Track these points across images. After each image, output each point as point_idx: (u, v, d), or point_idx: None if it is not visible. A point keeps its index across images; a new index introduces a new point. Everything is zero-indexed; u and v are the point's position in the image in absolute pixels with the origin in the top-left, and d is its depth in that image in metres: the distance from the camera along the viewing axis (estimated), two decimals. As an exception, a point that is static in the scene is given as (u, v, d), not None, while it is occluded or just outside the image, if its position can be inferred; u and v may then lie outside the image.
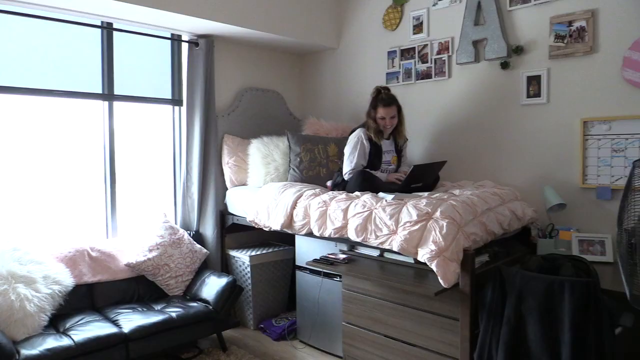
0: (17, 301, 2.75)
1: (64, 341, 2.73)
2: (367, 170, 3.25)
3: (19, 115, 3.34)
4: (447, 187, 3.33)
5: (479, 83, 3.52)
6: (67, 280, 3.11)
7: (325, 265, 2.97)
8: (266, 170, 3.89)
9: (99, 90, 3.63)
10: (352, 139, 3.36)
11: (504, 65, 3.34)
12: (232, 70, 4.28)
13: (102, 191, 3.69)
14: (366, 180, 3.12)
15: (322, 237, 3.05)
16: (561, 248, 2.87)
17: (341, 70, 4.46)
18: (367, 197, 2.86)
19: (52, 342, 2.70)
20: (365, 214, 2.74)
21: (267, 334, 3.78)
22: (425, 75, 3.80)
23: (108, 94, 3.66)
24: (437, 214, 2.51)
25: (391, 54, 4.01)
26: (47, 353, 2.61)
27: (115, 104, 3.70)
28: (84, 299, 3.26)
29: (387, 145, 3.40)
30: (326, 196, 3.07)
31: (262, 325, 3.87)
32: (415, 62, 3.85)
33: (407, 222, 2.55)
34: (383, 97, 3.28)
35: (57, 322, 2.99)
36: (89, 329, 2.89)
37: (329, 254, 3.09)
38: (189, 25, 3.70)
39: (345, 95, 4.43)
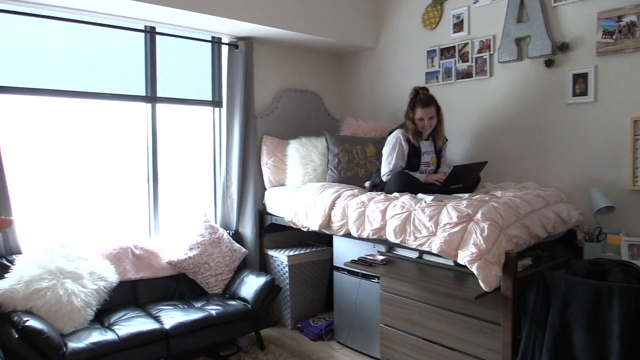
0: (65, 296, 2.85)
1: (109, 335, 2.82)
2: (406, 171, 3.22)
3: (69, 117, 3.48)
4: (488, 188, 3.26)
5: (521, 82, 3.43)
6: (112, 276, 3.21)
7: (363, 267, 2.96)
8: (304, 170, 3.91)
9: (142, 92, 3.74)
10: (390, 140, 3.33)
11: (549, 63, 3.25)
12: (271, 72, 4.32)
13: (145, 191, 3.80)
14: (405, 181, 3.09)
15: (360, 238, 3.04)
16: (609, 253, 2.76)
17: (379, 70, 4.43)
18: (406, 198, 2.83)
19: (97, 336, 2.80)
20: (404, 215, 2.71)
21: (304, 334, 3.80)
22: (466, 75, 3.73)
23: (151, 97, 3.76)
24: (478, 215, 2.46)
25: (431, 53, 3.96)
26: (93, 347, 2.70)
27: (158, 105, 3.80)
28: (128, 295, 3.36)
29: (426, 146, 3.35)
30: (364, 197, 3.05)
31: (299, 325, 3.89)
32: (455, 61, 3.79)
33: (447, 223, 2.51)
34: (421, 98, 3.23)
35: (102, 316, 3.09)
36: (132, 324, 2.97)
37: (367, 255, 3.08)
38: (229, 28, 3.76)
39: (383, 96, 4.40)
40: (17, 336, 2.51)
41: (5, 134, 3.09)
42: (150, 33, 3.72)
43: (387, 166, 3.28)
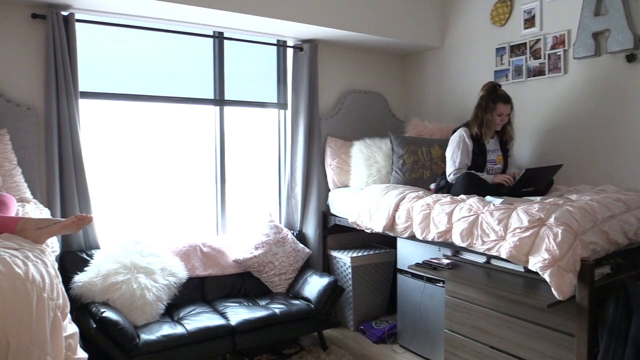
0: (138, 290, 3.00)
1: (178, 329, 2.93)
2: (474, 172, 3.12)
3: (144, 120, 3.67)
4: (562, 191, 3.10)
5: (599, 78, 3.23)
6: (182, 272, 3.34)
7: (428, 270, 2.90)
8: (368, 172, 3.89)
9: (211, 96, 3.87)
10: (453, 139, 3.25)
11: (630, 58, 3.03)
12: (335, 73, 4.34)
13: (213, 191, 3.93)
14: (472, 183, 3.00)
15: (424, 241, 2.98)
16: (700, 262, 2.54)
17: (446, 69, 4.33)
18: (473, 200, 2.74)
19: (167, 329, 2.92)
20: (471, 218, 2.63)
21: (366, 336, 3.77)
22: (538, 72, 3.57)
23: (219, 99, 3.89)
24: (551, 220, 2.34)
25: (500, 50, 3.82)
26: (163, 339, 2.82)
27: (226, 108, 3.92)
28: (196, 291, 3.48)
29: (492, 144, 3.25)
30: (430, 199, 2.99)
31: (362, 327, 3.87)
32: (526, 58, 3.63)
33: (517, 228, 2.41)
34: (502, 93, 3.15)
35: (171, 311, 3.22)
36: (199, 319, 3.08)
37: (432, 259, 3.01)
38: (294, 31, 3.82)
39: (449, 96, 4.29)
40: (95, 326, 2.67)
41: (86, 137, 3.29)
42: (219, 38, 3.85)
43: (452, 165, 3.21)
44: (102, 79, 3.44)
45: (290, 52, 4.09)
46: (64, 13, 3.12)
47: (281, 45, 4.15)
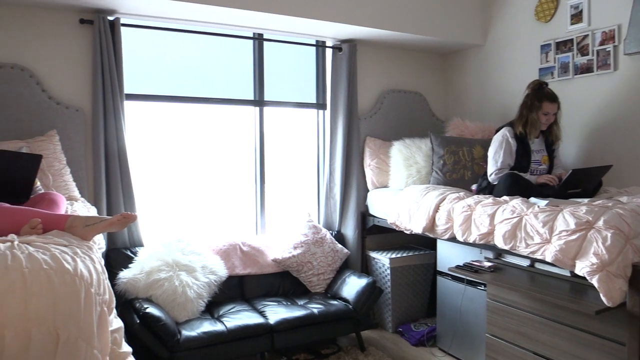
0: (180, 287, 3.06)
1: (218, 326, 2.98)
2: (517, 172, 3.04)
3: (185, 121, 3.75)
4: (611, 193, 2.97)
5: (653, 75, 3.08)
6: (222, 271, 3.39)
7: (469, 273, 2.84)
8: (408, 172, 3.85)
9: (251, 97, 3.92)
10: (496, 139, 3.19)
11: (687, 54, 2.89)
12: (374, 73, 4.31)
13: (252, 190, 3.97)
14: (516, 184, 2.92)
15: (465, 243, 2.92)
16: None
17: (488, 68, 4.23)
18: (516, 202, 2.67)
19: (208, 326, 2.97)
20: (515, 220, 2.55)
21: (405, 338, 3.73)
22: (586, 69, 3.44)
23: (259, 100, 3.93)
24: (600, 223, 2.25)
25: (545, 47, 3.70)
26: (204, 336, 2.87)
27: (265, 109, 3.96)
28: (236, 289, 3.53)
29: (537, 144, 3.17)
30: (471, 200, 2.93)
31: (400, 329, 3.83)
32: (573, 55, 3.51)
33: (563, 230, 2.32)
34: (549, 92, 3.08)
35: (212, 308, 3.28)
36: (239, 317, 3.12)
37: (473, 261, 2.95)
38: (333, 31, 3.81)
39: (492, 95, 4.19)
40: (138, 321, 2.75)
41: (130, 138, 3.39)
42: (259, 40, 3.89)
43: (494, 164, 3.13)
44: (145, 81, 3.53)
45: (329, 53, 4.09)
46: (110, 18, 3.23)
47: (320, 46, 4.16)
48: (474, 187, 3.39)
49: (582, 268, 2.22)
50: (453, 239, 3.01)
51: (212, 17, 3.40)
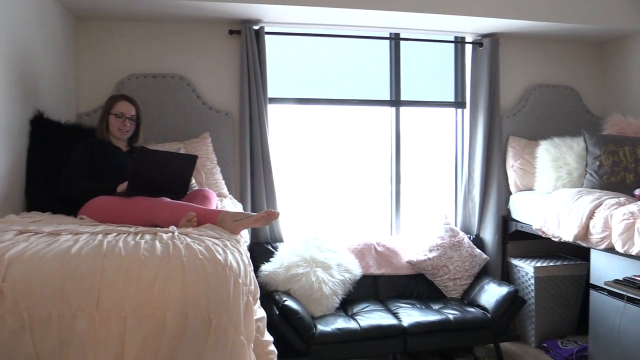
0: (316, 283, 3.17)
1: (352, 324, 3.02)
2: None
3: (323, 122, 3.88)
4: None
5: None
6: (356, 269, 3.43)
7: (630, 289, 2.54)
8: (557, 174, 3.54)
9: (387, 97, 3.91)
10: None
11: None
12: (518, 68, 4.04)
13: (388, 191, 3.97)
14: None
15: (626, 255, 2.60)
16: None
17: (657, 56, 3.72)
18: (693, 210, 2.31)
19: (342, 322, 3.03)
20: (691, 230, 2.21)
21: (550, 355, 3.44)
22: None
23: (395, 100, 3.91)
24: None
25: None
26: (338, 332, 2.94)
27: (402, 109, 3.93)
28: (369, 288, 3.55)
29: None
30: (634, 207, 2.60)
31: (545, 344, 3.54)
32: None
33: None
34: None
35: (346, 305, 3.34)
36: (372, 316, 3.13)
37: (636, 276, 2.62)
38: (473, 26, 3.65)
39: (661, 87, 3.68)
40: (277, 313, 2.90)
41: (273, 139, 3.59)
42: (395, 39, 3.87)
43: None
44: (286, 84, 3.72)
45: (468, 49, 3.93)
46: (255, 27, 3.45)
47: (459, 42, 4.01)
48: (637, 191, 3.00)
49: None
50: (611, 249, 2.71)
51: (349, 20, 3.46)
